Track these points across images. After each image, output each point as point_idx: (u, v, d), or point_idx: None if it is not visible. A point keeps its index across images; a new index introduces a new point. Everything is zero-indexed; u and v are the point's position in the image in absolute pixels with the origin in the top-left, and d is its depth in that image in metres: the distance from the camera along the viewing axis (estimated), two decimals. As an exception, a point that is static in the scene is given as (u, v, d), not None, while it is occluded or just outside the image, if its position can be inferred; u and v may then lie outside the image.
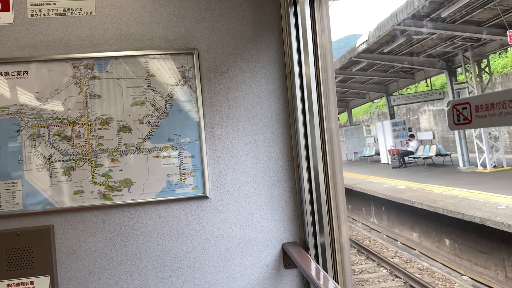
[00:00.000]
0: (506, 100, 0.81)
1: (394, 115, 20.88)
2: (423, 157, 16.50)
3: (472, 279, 7.28)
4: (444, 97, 17.36)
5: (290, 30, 1.77)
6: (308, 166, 1.76)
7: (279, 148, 1.83)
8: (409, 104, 21.28)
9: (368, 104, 29.37)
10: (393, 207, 10.49)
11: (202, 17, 1.80)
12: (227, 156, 1.80)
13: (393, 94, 19.40)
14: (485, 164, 12.70)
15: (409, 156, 17.23)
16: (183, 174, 1.76)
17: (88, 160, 1.71)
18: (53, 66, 1.71)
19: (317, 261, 1.72)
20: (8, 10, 1.70)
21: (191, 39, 1.79)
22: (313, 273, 1.46)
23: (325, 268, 1.69)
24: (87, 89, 1.72)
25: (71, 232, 1.69)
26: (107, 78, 1.74)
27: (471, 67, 13.01)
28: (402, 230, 10.27)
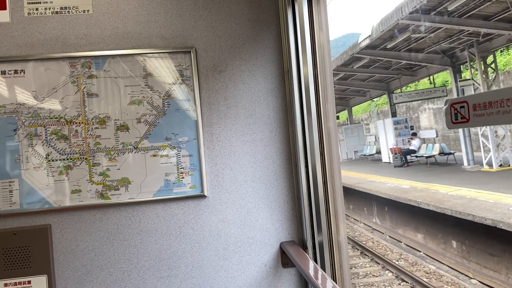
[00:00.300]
0: (504, 98, 0.80)
1: (395, 113, 20.78)
2: (426, 156, 16.26)
3: (482, 283, 7.05)
4: (447, 95, 16.94)
5: (288, 28, 1.76)
6: (306, 165, 1.75)
7: (277, 147, 1.83)
8: (410, 102, 21.19)
9: (367, 102, 29.26)
10: (396, 207, 10.33)
11: (200, 16, 1.79)
12: (225, 155, 1.79)
13: (394, 92, 19.26)
14: (491, 163, 12.37)
15: (412, 155, 17.05)
16: (180, 173, 1.75)
17: (86, 159, 1.70)
18: (50, 64, 1.70)
19: (315, 260, 1.72)
20: (4, 9, 1.70)
21: (188, 38, 1.78)
22: (311, 272, 1.46)
23: (323, 267, 1.69)
24: (84, 88, 1.72)
25: (68, 232, 1.68)
26: (104, 77, 1.73)
27: (476, 63, 12.65)
28: (406, 231, 10.09)
